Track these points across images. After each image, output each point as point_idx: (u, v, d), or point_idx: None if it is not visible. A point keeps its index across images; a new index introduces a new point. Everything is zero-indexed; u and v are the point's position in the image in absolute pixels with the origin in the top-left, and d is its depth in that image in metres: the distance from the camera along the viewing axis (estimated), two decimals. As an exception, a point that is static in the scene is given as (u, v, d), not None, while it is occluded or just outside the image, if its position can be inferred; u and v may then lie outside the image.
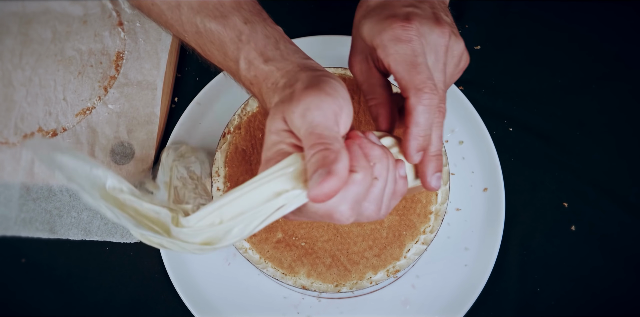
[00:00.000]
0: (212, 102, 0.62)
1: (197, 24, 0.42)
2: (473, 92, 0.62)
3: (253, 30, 0.41)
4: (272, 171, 0.34)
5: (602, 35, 0.65)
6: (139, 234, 0.34)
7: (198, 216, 0.33)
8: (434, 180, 0.41)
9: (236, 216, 0.33)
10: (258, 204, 0.33)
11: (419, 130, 0.39)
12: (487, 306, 0.56)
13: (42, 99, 0.63)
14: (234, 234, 0.33)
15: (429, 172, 0.41)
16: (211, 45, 0.42)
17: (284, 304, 0.56)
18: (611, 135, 0.61)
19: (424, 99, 0.39)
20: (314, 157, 0.33)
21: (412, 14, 0.40)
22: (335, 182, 0.32)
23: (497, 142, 0.59)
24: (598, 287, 0.57)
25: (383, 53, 0.40)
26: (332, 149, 0.33)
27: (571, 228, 0.59)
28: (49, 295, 0.60)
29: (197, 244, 0.33)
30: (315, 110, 0.34)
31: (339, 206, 0.34)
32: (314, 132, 0.34)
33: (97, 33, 0.65)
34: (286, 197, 0.33)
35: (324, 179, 0.31)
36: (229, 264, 0.57)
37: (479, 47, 0.64)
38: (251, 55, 0.40)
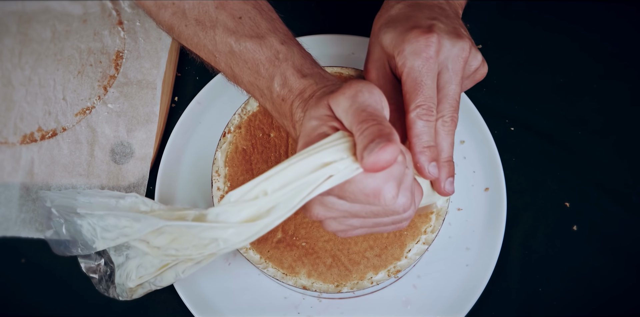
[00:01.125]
0: (213, 101, 0.62)
1: (232, 44, 0.43)
2: (474, 92, 0.62)
3: (290, 50, 0.43)
4: (319, 143, 0.33)
5: (604, 35, 0.64)
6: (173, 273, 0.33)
7: (243, 190, 0.32)
8: (448, 184, 0.43)
9: (283, 187, 0.32)
10: (305, 174, 0.32)
11: (422, 142, 0.41)
12: (489, 306, 0.56)
13: (42, 99, 0.63)
14: (280, 207, 0.32)
15: (442, 177, 0.43)
16: (244, 65, 0.43)
17: (285, 305, 0.56)
18: (613, 134, 0.61)
19: (422, 115, 0.41)
20: (368, 130, 0.33)
21: (435, 26, 0.41)
22: (394, 150, 0.32)
23: (499, 142, 0.59)
24: (600, 287, 0.57)
25: (400, 63, 0.41)
26: (386, 124, 0.33)
27: (573, 228, 0.58)
28: (49, 295, 0.59)
29: (238, 224, 0.32)
30: (367, 93, 0.35)
31: (387, 182, 0.33)
32: (366, 110, 0.34)
33: (97, 32, 0.65)
34: (335, 168, 0.32)
35: (383, 146, 0.31)
36: (229, 264, 0.57)
37: (480, 46, 0.64)
38: (288, 72, 0.41)
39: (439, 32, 0.41)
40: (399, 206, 0.35)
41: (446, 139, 0.43)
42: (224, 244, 0.32)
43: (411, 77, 0.41)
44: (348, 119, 0.34)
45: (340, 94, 0.35)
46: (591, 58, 0.64)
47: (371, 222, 0.38)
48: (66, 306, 0.59)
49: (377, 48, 0.45)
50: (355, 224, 0.38)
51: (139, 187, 0.60)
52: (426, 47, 0.40)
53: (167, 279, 0.36)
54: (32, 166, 0.62)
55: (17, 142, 0.62)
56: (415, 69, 0.40)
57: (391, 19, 0.44)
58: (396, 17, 0.44)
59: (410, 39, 0.41)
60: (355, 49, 0.62)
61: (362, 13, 0.66)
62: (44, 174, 0.61)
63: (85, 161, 0.61)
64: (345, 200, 0.35)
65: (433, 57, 0.41)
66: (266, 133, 0.51)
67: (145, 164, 0.61)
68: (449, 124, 0.42)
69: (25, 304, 0.59)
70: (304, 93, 0.40)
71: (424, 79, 0.40)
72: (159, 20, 0.48)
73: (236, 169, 0.51)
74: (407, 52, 0.41)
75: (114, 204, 0.35)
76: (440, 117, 0.42)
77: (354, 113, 0.34)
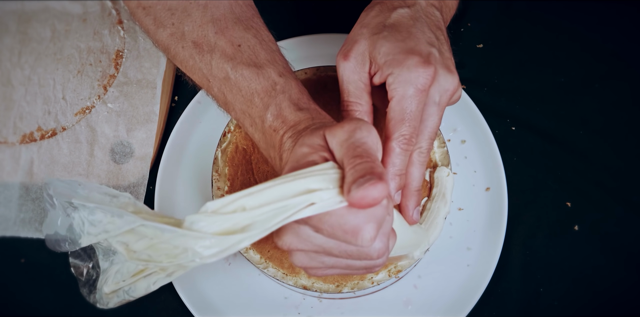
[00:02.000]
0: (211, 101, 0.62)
1: (228, 70, 0.43)
2: (475, 91, 0.62)
3: (287, 83, 0.42)
4: (308, 169, 0.33)
5: (605, 35, 0.64)
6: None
7: (222, 202, 0.32)
8: (415, 213, 0.45)
9: (262, 206, 0.31)
10: (287, 197, 0.32)
11: (395, 170, 0.41)
12: (490, 306, 0.56)
13: (41, 98, 0.63)
14: (256, 226, 0.32)
15: (411, 206, 0.44)
16: (237, 92, 0.43)
17: (285, 305, 0.55)
18: (614, 134, 0.61)
19: (403, 144, 0.41)
20: (360, 165, 0.32)
21: (432, 56, 0.41)
22: (383, 189, 0.31)
23: (500, 141, 0.59)
24: (601, 287, 0.57)
25: (392, 86, 0.41)
26: (378, 164, 0.33)
27: (574, 228, 0.58)
28: (49, 295, 0.59)
29: (211, 235, 0.31)
30: (366, 131, 0.35)
31: (368, 223, 0.33)
32: (361, 146, 0.34)
33: (97, 31, 0.65)
34: (319, 196, 0.32)
35: (373, 183, 0.31)
36: (229, 264, 0.57)
37: (481, 45, 0.64)
38: (284, 104, 0.41)
39: (436, 65, 0.41)
40: (374, 250, 0.35)
41: (420, 169, 0.43)
42: (193, 257, 0.31)
43: (400, 106, 0.41)
44: (341, 152, 0.34)
45: (338, 126, 0.35)
46: (592, 58, 0.64)
47: (343, 264, 0.37)
48: (66, 306, 0.59)
49: (362, 44, 0.43)
50: (327, 262, 0.36)
51: (139, 187, 0.60)
52: (422, 79, 0.40)
53: (139, 290, 0.35)
54: (32, 166, 0.61)
55: (16, 141, 0.62)
56: (407, 99, 0.40)
57: (390, 26, 0.43)
58: (396, 26, 0.43)
59: (409, 66, 0.40)
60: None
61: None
62: (43, 173, 0.61)
63: (85, 160, 0.61)
64: (322, 233, 0.34)
65: (426, 90, 0.41)
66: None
67: (145, 164, 0.61)
68: (424, 155, 0.43)
69: (25, 304, 0.59)
70: (298, 125, 0.40)
71: (413, 110, 0.41)
72: (156, 39, 0.47)
73: (236, 168, 0.51)
74: (402, 78, 0.40)
75: (108, 201, 0.34)
76: (418, 148, 0.43)
77: (349, 146, 0.34)
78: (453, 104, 0.45)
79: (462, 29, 0.65)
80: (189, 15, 0.45)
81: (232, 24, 0.45)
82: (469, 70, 0.63)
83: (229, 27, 0.44)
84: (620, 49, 0.64)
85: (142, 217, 0.33)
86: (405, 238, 0.43)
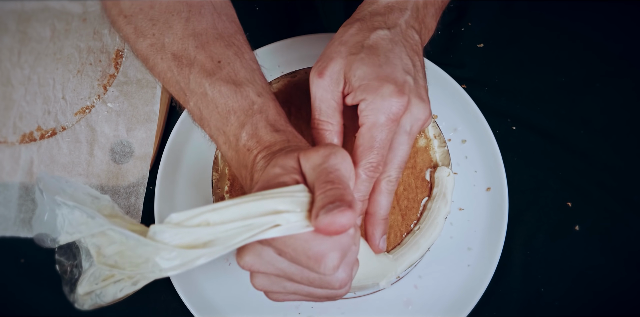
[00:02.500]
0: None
1: (206, 86, 0.42)
2: (476, 91, 0.62)
3: (265, 104, 0.42)
4: (277, 190, 0.33)
5: (606, 34, 0.64)
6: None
7: (187, 215, 0.31)
8: (382, 242, 0.44)
9: (226, 222, 0.31)
10: (253, 216, 0.31)
11: (359, 196, 0.41)
12: (490, 306, 0.56)
13: (41, 98, 0.63)
14: (218, 243, 0.31)
15: (377, 235, 0.43)
16: (214, 109, 0.42)
17: (285, 305, 0.55)
18: (615, 133, 0.61)
19: (370, 171, 0.41)
20: (331, 191, 0.32)
21: (406, 86, 0.41)
22: (352, 217, 0.31)
23: (500, 141, 0.59)
24: (602, 287, 0.57)
25: (364, 113, 0.41)
26: (349, 192, 0.33)
27: (575, 228, 0.58)
28: (49, 295, 0.59)
29: (171, 247, 0.31)
30: (341, 158, 0.34)
31: (332, 251, 0.32)
32: (334, 172, 0.33)
33: (97, 31, 0.65)
34: (286, 218, 0.31)
35: (341, 210, 0.30)
36: (229, 264, 0.57)
37: (482, 45, 0.64)
38: (260, 124, 0.41)
39: (409, 95, 0.41)
40: (336, 279, 0.34)
41: (388, 198, 0.43)
42: (152, 268, 0.31)
43: (370, 133, 0.40)
44: (313, 176, 0.33)
45: (313, 151, 0.35)
46: (593, 57, 0.64)
47: (305, 291, 0.36)
48: (66, 306, 0.58)
49: (341, 63, 0.42)
50: (289, 288, 0.36)
51: (139, 187, 0.60)
52: (394, 109, 0.40)
53: (107, 295, 0.35)
54: (32, 166, 0.61)
55: (16, 141, 0.62)
56: (377, 127, 0.40)
57: (369, 47, 0.42)
58: (374, 49, 0.42)
59: (383, 94, 0.40)
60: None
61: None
62: (43, 173, 0.61)
63: (84, 160, 0.61)
64: (285, 257, 0.33)
65: (397, 120, 0.41)
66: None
67: (145, 164, 0.61)
68: (393, 184, 0.43)
69: (25, 304, 0.59)
70: (273, 147, 0.40)
71: (382, 138, 0.40)
72: (135, 49, 0.47)
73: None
74: (374, 106, 0.40)
75: (89, 202, 0.34)
76: (387, 177, 0.42)
77: (321, 171, 0.33)
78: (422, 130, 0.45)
79: (462, 29, 0.65)
80: (170, 27, 0.44)
81: (214, 40, 0.44)
82: (469, 70, 0.63)
83: (210, 43, 0.44)
84: (621, 49, 0.64)
85: (114, 221, 0.32)
86: (371, 268, 0.43)
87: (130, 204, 0.60)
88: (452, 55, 0.64)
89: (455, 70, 0.62)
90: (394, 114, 0.40)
